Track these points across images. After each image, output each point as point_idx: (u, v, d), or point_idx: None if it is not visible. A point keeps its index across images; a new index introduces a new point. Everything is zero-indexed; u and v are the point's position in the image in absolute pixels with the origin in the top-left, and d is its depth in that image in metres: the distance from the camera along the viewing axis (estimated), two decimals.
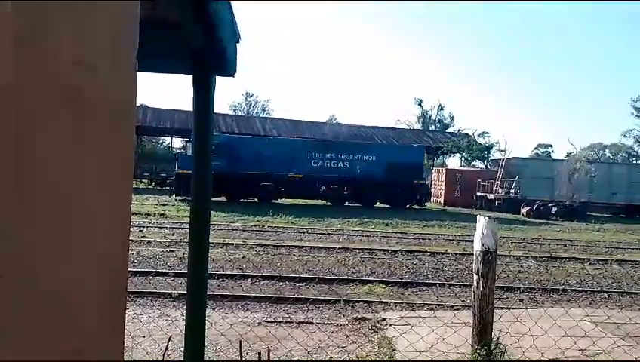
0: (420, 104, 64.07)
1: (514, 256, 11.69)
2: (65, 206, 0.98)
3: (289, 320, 5.79)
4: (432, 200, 31.19)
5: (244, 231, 14.96)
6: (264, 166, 24.73)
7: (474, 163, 47.77)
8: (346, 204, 26.19)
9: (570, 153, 37.11)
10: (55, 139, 0.94)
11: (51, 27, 0.90)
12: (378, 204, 26.55)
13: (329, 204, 25.99)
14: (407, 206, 26.44)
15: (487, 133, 52.55)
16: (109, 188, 1.17)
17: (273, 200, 25.26)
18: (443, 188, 32.29)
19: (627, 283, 9.32)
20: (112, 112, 1.16)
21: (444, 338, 4.40)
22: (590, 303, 7.73)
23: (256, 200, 25.33)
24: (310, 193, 26.16)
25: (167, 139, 51.99)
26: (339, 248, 11.72)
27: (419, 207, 26.80)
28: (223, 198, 25.03)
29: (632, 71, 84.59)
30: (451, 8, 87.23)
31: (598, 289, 8.73)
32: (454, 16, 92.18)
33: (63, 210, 0.98)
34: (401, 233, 16.40)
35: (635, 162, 49.41)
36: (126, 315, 1.35)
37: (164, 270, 8.51)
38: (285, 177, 25.43)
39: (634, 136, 57.75)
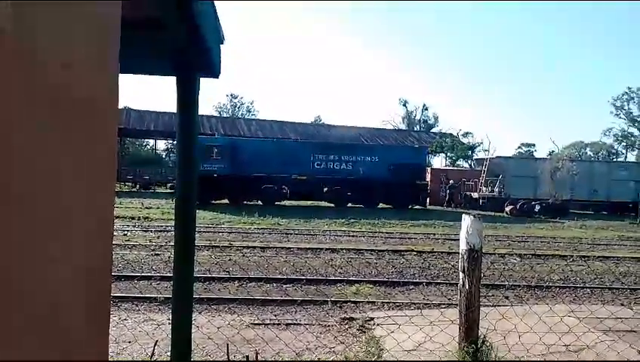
0: (404, 105, 64.57)
1: (499, 254, 11.83)
2: (43, 206, 0.97)
3: (277, 322, 5.77)
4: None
5: (230, 233, 14.88)
6: (267, 168, 24.64)
7: (458, 162, 48.25)
8: (349, 205, 26.20)
9: (553, 152, 37.75)
10: (32, 139, 0.92)
11: (28, 26, 0.89)
12: (380, 205, 26.61)
13: (332, 205, 26.00)
14: (410, 206, 26.59)
15: (470, 133, 53.16)
16: (90, 189, 1.15)
17: (277, 203, 25.19)
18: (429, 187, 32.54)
19: (609, 279, 9.49)
20: (93, 113, 1.15)
21: (431, 337, 4.43)
22: (574, 299, 7.85)
23: (259, 202, 25.21)
24: (313, 195, 26.12)
25: (151, 142, 51.53)
26: (326, 249, 11.72)
27: (421, 208, 26.95)
28: (225, 201, 24.91)
29: (612, 70, 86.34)
30: (437, 8, 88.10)
31: (582, 285, 8.87)
32: (438, 18, 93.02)
33: (41, 211, 0.96)
34: (387, 233, 16.47)
35: (615, 160, 50.39)
36: (110, 320, 1.33)
37: (149, 274, 8.41)
38: (289, 179, 25.40)
39: (614, 135, 58.96)
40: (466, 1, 79.08)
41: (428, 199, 30.82)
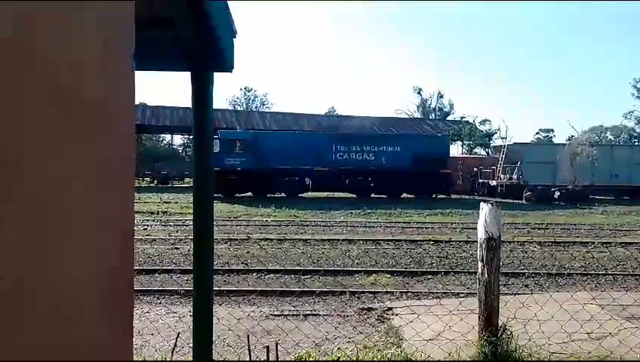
0: (419, 93, 63.88)
1: (518, 242, 11.70)
2: (63, 206, 0.98)
3: (295, 313, 5.82)
4: None
5: (247, 225, 15.00)
6: (290, 160, 24.82)
7: (475, 150, 47.69)
8: (372, 195, 26.19)
9: (572, 137, 36.98)
10: (49, 140, 0.93)
11: (39, 27, 0.90)
12: (403, 195, 26.52)
13: (354, 196, 25.99)
14: (434, 195, 26.48)
15: (488, 120, 52.45)
16: (109, 187, 1.17)
17: (299, 195, 25.42)
18: None
19: (632, 265, 9.32)
20: (109, 112, 1.16)
21: (450, 326, 4.42)
22: (595, 286, 7.74)
23: (283, 194, 25.47)
24: (336, 186, 26.19)
25: (168, 137, 52.01)
26: (343, 240, 11.75)
27: (444, 196, 26.81)
28: (249, 194, 25.20)
29: (633, 51, 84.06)
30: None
31: (603, 272, 8.74)
32: (453, 5, 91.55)
33: (61, 211, 0.97)
34: (404, 223, 16.41)
35: (636, 143, 49.22)
36: (134, 313, 1.35)
37: (169, 267, 8.54)
38: (311, 171, 25.57)
39: (635, 118, 57.55)
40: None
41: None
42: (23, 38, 0.86)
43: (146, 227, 14.11)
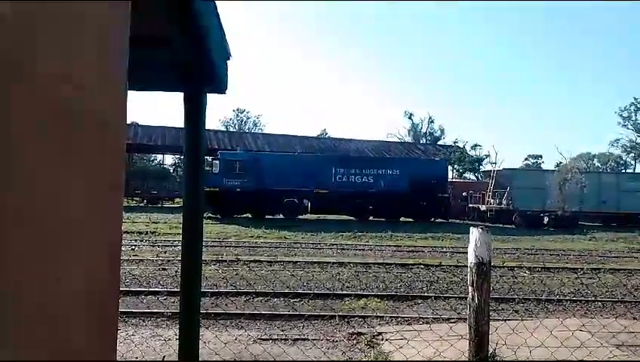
0: (410, 117, 64.62)
1: (508, 267, 11.70)
2: (50, 221, 0.97)
3: (284, 337, 5.72)
4: None
5: (237, 247, 14.86)
6: (289, 182, 24.86)
7: (465, 174, 48.09)
8: (371, 218, 26.18)
9: (560, 163, 37.46)
10: (41, 154, 0.93)
11: (38, 46, 0.90)
12: (402, 218, 26.54)
13: (353, 218, 25.95)
14: (432, 219, 26.54)
15: (479, 145, 53.07)
16: (98, 203, 1.16)
17: (298, 216, 25.40)
18: None
19: (621, 292, 9.35)
20: (101, 129, 1.16)
21: (440, 352, 4.37)
22: (585, 313, 7.73)
23: (281, 216, 25.37)
24: (335, 208, 26.17)
25: (159, 157, 51.83)
26: (333, 263, 11.67)
27: (442, 220, 26.87)
28: (248, 215, 25.06)
29: (619, 80, 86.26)
30: (443, 22, 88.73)
31: (593, 298, 8.74)
32: (444, 31, 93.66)
33: (48, 226, 0.97)
34: (395, 246, 16.37)
35: (623, 171, 50.00)
36: (118, 335, 1.33)
37: (156, 289, 8.40)
38: (310, 193, 25.58)
39: (621, 146, 58.61)
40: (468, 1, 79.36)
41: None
42: (20, 55, 0.86)
43: (133, 247, 13.91)
